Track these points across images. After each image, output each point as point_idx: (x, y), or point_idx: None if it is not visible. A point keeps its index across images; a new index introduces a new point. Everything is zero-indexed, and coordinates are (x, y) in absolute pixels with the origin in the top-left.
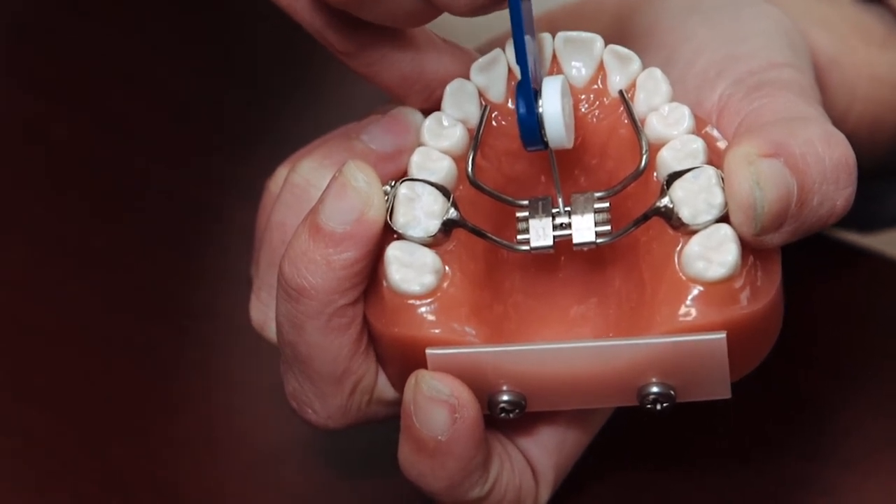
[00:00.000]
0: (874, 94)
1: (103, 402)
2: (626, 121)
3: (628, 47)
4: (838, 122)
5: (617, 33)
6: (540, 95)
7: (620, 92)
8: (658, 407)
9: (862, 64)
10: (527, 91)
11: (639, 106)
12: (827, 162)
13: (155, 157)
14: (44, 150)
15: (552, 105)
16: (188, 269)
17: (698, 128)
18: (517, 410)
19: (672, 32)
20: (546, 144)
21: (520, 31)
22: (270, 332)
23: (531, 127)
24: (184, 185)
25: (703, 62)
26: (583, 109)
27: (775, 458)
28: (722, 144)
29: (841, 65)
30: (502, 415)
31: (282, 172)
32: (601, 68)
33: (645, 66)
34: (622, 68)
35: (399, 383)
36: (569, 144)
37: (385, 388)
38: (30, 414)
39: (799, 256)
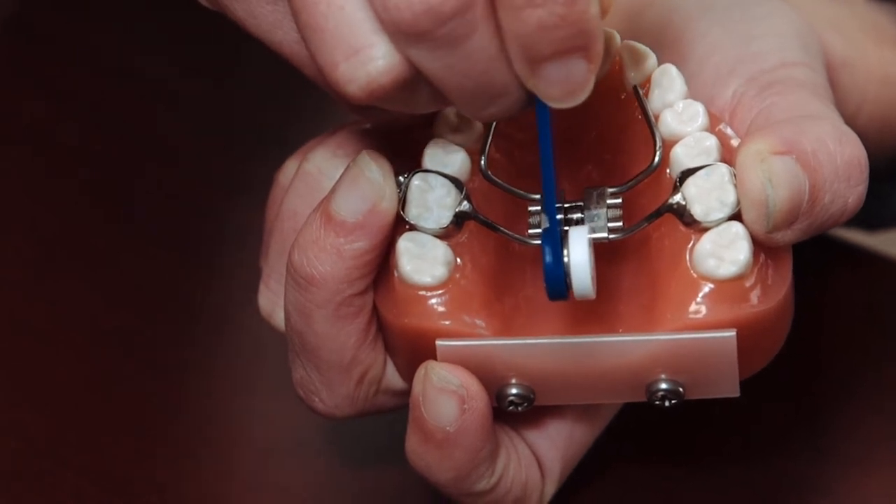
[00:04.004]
0: (884, 96)
1: (103, 402)
2: (640, 117)
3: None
4: (848, 122)
5: (628, 30)
6: (565, 244)
7: (635, 88)
8: (666, 403)
9: (873, 65)
10: (555, 241)
11: (653, 102)
12: (839, 160)
13: (155, 156)
14: (44, 150)
15: (579, 256)
16: (188, 269)
17: (712, 125)
18: (525, 404)
19: (684, 30)
20: (569, 295)
21: (549, 171)
22: (278, 320)
23: (558, 277)
24: (184, 185)
25: (716, 60)
26: (597, 104)
27: (777, 457)
28: (735, 142)
29: (852, 66)
30: (510, 408)
31: (291, 164)
32: (617, 63)
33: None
34: (637, 64)
35: (408, 374)
36: (593, 296)
37: (393, 378)
38: (29, 414)
39: (801, 256)
